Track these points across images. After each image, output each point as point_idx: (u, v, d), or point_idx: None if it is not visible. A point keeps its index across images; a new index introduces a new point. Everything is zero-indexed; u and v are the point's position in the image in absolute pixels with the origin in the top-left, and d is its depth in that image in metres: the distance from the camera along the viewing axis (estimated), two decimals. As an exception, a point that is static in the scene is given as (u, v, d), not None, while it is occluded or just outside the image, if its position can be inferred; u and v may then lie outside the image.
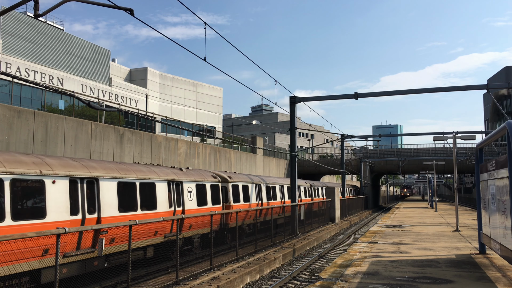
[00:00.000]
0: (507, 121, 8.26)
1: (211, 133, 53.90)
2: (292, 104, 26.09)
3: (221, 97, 76.20)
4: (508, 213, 7.88)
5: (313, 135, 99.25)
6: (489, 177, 9.89)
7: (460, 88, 24.88)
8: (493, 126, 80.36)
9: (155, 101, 63.45)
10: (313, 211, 30.50)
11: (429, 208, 42.99)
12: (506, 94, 77.27)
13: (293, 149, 26.51)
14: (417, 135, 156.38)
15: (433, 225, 22.12)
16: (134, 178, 13.83)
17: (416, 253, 12.37)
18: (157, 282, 12.39)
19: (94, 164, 12.85)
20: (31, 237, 8.21)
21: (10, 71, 40.82)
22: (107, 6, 9.40)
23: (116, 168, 13.44)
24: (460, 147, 55.21)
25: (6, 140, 20.96)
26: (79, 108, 32.37)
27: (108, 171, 12.87)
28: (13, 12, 41.42)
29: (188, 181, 17.04)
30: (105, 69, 55.43)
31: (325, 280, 8.68)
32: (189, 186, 17.00)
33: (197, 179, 17.80)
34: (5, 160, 9.76)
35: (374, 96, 26.87)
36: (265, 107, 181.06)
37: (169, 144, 33.12)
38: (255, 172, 45.83)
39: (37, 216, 10.34)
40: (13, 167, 9.81)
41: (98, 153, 26.40)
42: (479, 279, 8.77)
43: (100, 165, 12.90)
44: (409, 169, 63.61)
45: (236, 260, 16.19)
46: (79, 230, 10.42)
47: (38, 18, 8.60)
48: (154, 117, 30.08)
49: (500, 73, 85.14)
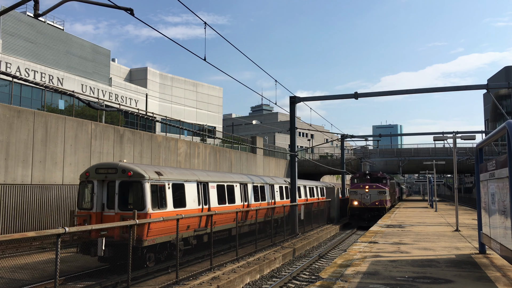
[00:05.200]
0: (507, 121, 8.26)
1: (211, 133, 53.90)
2: (292, 104, 26.08)
3: (221, 97, 76.20)
4: (508, 213, 7.88)
5: (313, 135, 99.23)
6: (489, 177, 9.90)
7: (460, 88, 24.88)
8: (493, 126, 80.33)
9: (155, 101, 63.45)
10: (312, 211, 30.45)
11: (429, 208, 42.92)
12: (506, 94, 77.24)
13: (293, 149, 26.50)
14: (417, 135, 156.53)
15: (433, 225, 22.13)
16: (224, 182, 19.21)
17: (416, 253, 12.37)
18: (157, 282, 12.39)
19: (204, 173, 18.53)
20: (32, 236, 8.21)
21: (10, 71, 40.81)
22: (107, 6, 9.40)
23: (215, 176, 19.06)
24: (460, 147, 55.20)
25: (6, 140, 20.95)
26: (79, 108, 32.37)
27: (212, 177, 18.40)
28: (13, 12, 41.42)
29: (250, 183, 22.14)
30: (105, 69, 55.42)
31: (325, 280, 8.69)
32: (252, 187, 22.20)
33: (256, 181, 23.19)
34: (167, 172, 15.49)
35: (374, 96, 26.87)
36: (265, 107, 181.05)
37: (169, 144, 33.11)
38: (255, 172, 45.81)
39: (182, 205, 15.45)
40: (170, 176, 15.28)
41: (98, 153, 26.39)
42: (479, 279, 8.77)
43: (207, 173, 18.56)
44: (409, 169, 63.56)
45: (236, 260, 16.20)
46: (79, 230, 10.46)
47: (38, 18, 8.60)
48: (154, 117, 30.07)
49: (500, 73, 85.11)
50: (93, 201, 13.96)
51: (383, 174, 37.53)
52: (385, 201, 34.29)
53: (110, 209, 13.85)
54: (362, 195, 34.47)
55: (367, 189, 34.35)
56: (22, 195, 21.36)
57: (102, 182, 14.17)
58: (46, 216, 22.41)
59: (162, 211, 14.10)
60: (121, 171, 13.88)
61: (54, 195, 23.13)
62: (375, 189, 34.46)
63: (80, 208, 14.26)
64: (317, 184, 37.25)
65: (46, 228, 21.67)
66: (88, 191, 14.26)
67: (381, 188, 34.62)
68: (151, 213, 13.50)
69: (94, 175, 14.20)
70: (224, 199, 18.86)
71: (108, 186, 14.13)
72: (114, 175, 13.97)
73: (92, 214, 13.80)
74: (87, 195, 14.29)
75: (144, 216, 13.14)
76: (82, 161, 25.25)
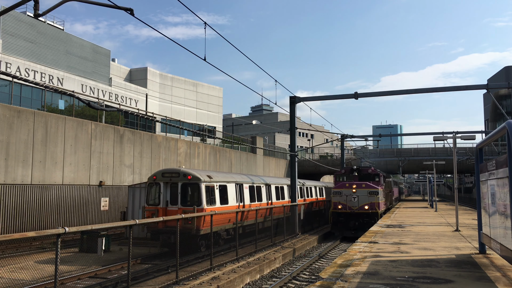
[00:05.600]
0: (507, 121, 8.25)
1: (211, 133, 53.88)
2: (292, 104, 26.09)
3: (221, 97, 76.18)
4: (508, 213, 7.88)
5: (313, 135, 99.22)
6: (489, 177, 9.90)
7: (460, 88, 24.88)
8: (493, 126, 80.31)
9: (155, 101, 63.44)
10: (312, 211, 30.39)
11: (429, 208, 42.91)
12: (506, 94, 77.22)
13: (293, 149, 26.51)
14: (417, 135, 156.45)
15: (433, 225, 22.14)
16: (254, 183, 22.39)
17: (416, 253, 12.38)
18: (157, 282, 12.39)
19: (239, 175, 22.14)
20: (32, 236, 8.23)
21: (10, 71, 40.81)
22: (107, 6, 9.39)
23: (247, 178, 22.54)
24: (460, 147, 55.21)
25: (6, 140, 20.94)
26: (79, 108, 32.36)
27: (245, 179, 21.77)
28: (13, 12, 41.41)
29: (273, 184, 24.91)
30: (105, 69, 55.40)
31: (325, 280, 8.69)
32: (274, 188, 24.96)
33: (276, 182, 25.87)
34: (215, 175, 18.84)
35: (374, 96, 26.88)
36: (265, 107, 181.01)
37: (169, 144, 33.11)
38: (255, 172, 45.80)
39: (226, 202, 18.72)
40: (217, 179, 18.68)
41: (98, 153, 26.39)
42: (479, 279, 8.78)
43: (241, 176, 22.23)
44: (409, 169, 63.58)
45: (236, 260, 16.20)
46: (79, 230, 10.47)
47: (38, 18, 8.60)
48: (154, 117, 30.07)
49: (500, 73, 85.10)
50: (160, 199, 17.43)
51: (375, 170, 30.26)
52: (377, 205, 27.13)
53: (173, 204, 17.31)
54: (348, 197, 27.34)
55: (354, 189, 27.31)
56: (22, 195, 21.36)
57: (167, 184, 17.57)
58: (46, 216, 22.41)
59: (213, 207, 17.49)
60: (183, 175, 17.40)
61: (54, 195, 23.13)
62: (364, 188, 27.35)
63: (148, 204, 17.76)
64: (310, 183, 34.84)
65: (46, 228, 21.67)
66: (155, 190, 17.68)
67: (372, 187, 27.49)
68: (206, 208, 16.85)
69: (160, 178, 17.68)
70: (254, 198, 21.95)
71: (171, 187, 17.54)
72: (177, 178, 17.45)
73: (159, 208, 17.26)
74: (154, 194, 17.72)
75: (201, 211, 16.35)
76: (82, 161, 25.25)
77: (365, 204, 27.05)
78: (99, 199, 26.08)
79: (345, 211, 27.22)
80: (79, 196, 24.78)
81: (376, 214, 26.93)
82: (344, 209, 27.29)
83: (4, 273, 12.40)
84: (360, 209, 27.05)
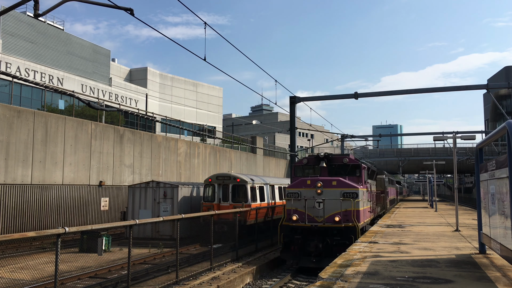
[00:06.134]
0: (507, 121, 8.25)
1: (211, 133, 53.89)
2: (292, 104, 26.10)
3: (221, 97, 76.21)
4: (508, 213, 7.88)
5: (313, 135, 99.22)
6: (489, 177, 9.89)
7: (460, 88, 24.90)
8: (493, 126, 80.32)
9: (155, 101, 63.45)
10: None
11: (429, 208, 42.89)
12: (506, 94, 77.23)
13: (293, 149, 26.52)
14: (417, 135, 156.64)
15: (433, 225, 22.14)
16: (281, 184, 26.97)
17: (416, 253, 12.37)
18: (157, 282, 12.39)
19: (271, 178, 27.53)
20: (32, 236, 8.24)
21: (10, 71, 40.82)
22: (107, 6, 9.39)
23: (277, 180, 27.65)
24: (460, 147, 55.26)
25: (6, 140, 20.95)
26: (79, 108, 32.36)
27: (275, 181, 26.66)
28: (13, 12, 41.41)
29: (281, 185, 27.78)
30: (105, 69, 55.42)
31: (325, 280, 8.69)
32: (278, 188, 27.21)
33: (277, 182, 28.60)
34: (255, 178, 23.38)
35: (374, 96, 26.89)
36: (265, 107, 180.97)
37: (169, 144, 33.11)
38: (255, 172, 45.81)
39: (263, 200, 23.20)
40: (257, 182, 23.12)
41: (98, 153, 26.40)
42: (479, 279, 8.78)
43: (272, 179, 27.17)
44: (409, 169, 63.69)
45: (236, 260, 16.20)
46: (79, 230, 10.48)
47: (38, 18, 8.60)
48: (154, 117, 30.06)
49: (500, 73, 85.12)
50: (214, 196, 21.69)
51: (354, 160, 19.00)
52: (354, 214, 16.31)
53: (225, 201, 21.59)
54: (308, 201, 16.52)
55: (320, 189, 16.58)
56: (22, 195, 21.36)
57: (219, 185, 21.81)
58: (46, 216, 22.42)
59: (255, 203, 21.82)
60: (233, 178, 21.73)
61: (54, 195, 23.13)
62: (335, 188, 16.62)
63: (205, 201, 21.86)
64: None
65: (46, 228, 21.67)
66: (209, 190, 21.90)
67: (348, 186, 16.80)
68: (251, 204, 21.23)
69: (214, 180, 21.92)
70: (282, 196, 25.59)
71: (223, 187, 21.81)
72: (228, 180, 21.76)
73: (214, 204, 21.40)
74: (209, 193, 21.89)
75: (248, 207, 20.70)
76: (82, 161, 25.25)
77: (335, 214, 16.30)
78: (99, 199, 26.09)
79: (303, 224, 16.41)
80: (79, 196, 24.79)
81: (354, 230, 16.09)
82: (301, 222, 16.44)
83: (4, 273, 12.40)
84: (327, 221, 16.29)
